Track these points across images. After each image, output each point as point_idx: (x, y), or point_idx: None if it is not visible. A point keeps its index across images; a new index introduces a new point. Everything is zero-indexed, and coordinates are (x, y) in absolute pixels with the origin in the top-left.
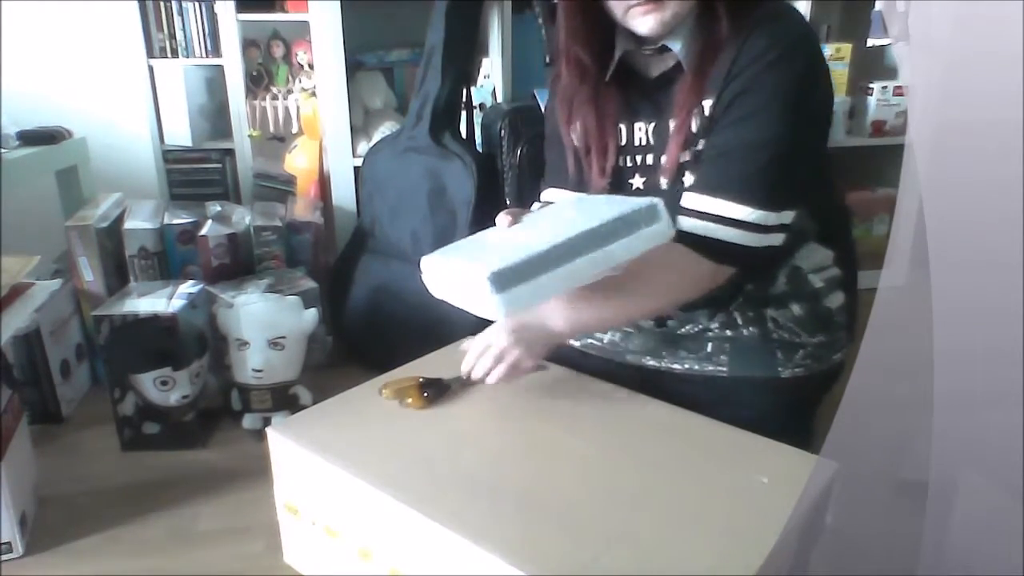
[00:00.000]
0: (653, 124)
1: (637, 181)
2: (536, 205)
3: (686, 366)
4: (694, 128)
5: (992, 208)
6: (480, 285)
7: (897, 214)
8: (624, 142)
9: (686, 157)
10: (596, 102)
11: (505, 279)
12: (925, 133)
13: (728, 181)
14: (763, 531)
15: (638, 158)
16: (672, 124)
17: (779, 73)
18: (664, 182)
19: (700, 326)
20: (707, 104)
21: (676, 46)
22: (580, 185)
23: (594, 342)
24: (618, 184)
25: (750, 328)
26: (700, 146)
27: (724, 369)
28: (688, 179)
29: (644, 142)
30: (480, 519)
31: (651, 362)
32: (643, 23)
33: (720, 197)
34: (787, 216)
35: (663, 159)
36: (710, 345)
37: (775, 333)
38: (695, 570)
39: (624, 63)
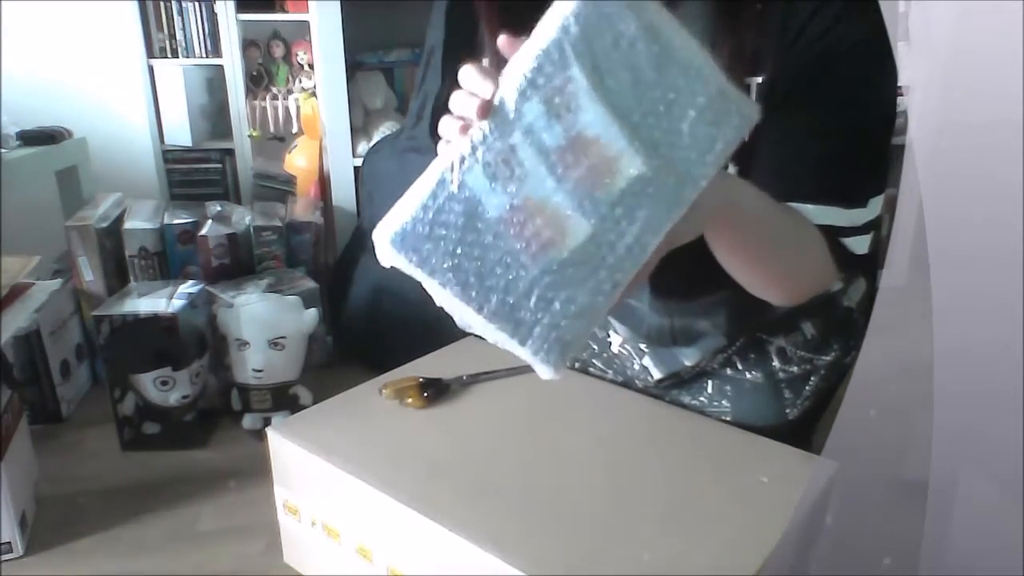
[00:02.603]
0: None
1: None
2: None
3: (691, 402)
4: None
5: (992, 208)
6: (532, 361)
7: (897, 214)
8: None
9: None
10: None
11: (566, 359)
12: (925, 133)
13: (845, 176)
14: (763, 531)
15: None
16: None
17: (862, 16)
18: None
19: (693, 362)
20: (753, 83)
21: (688, 22)
22: None
23: (603, 373)
24: None
25: (752, 372)
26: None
27: (728, 416)
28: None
29: None
30: (480, 519)
31: (658, 395)
32: None
33: (818, 202)
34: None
35: None
36: (710, 385)
37: (781, 372)
38: (695, 570)
39: None
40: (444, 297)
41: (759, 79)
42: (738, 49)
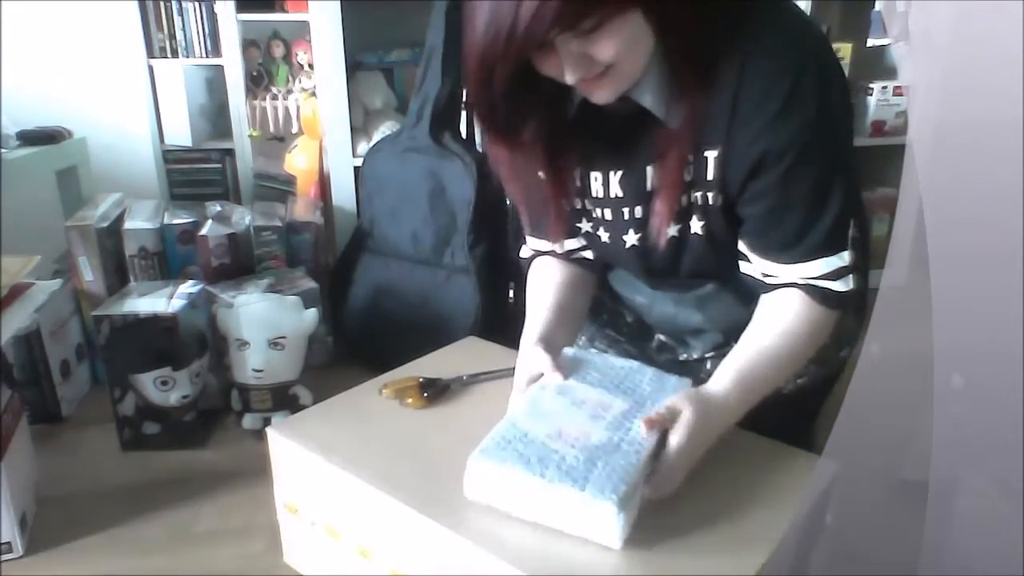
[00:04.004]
0: (621, 173)
1: (604, 235)
2: (524, 251)
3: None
4: (687, 177)
5: (992, 208)
6: (596, 509)
7: (897, 214)
8: (586, 194)
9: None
10: (546, 156)
11: (626, 500)
12: (925, 133)
13: (817, 239)
14: (764, 531)
15: (597, 211)
16: (651, 173)
17: (799, 114)
18: (662, 237)
19: (704, 355)
20: (711, 155)
21: (646, 99)
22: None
23: (616, 338)
24: (591, 233)
25: None
26: (698, 199)
27: None
28: (696, 227)
29: (602, 193)
30: (480, 519)
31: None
32: (596, 96)
33: (816, 257)
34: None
35: (638, 210)
36: (709, 364)
37: None
38: (695, 570)
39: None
40: (510, 483)
41: (716, 152)
42: (691, 123)
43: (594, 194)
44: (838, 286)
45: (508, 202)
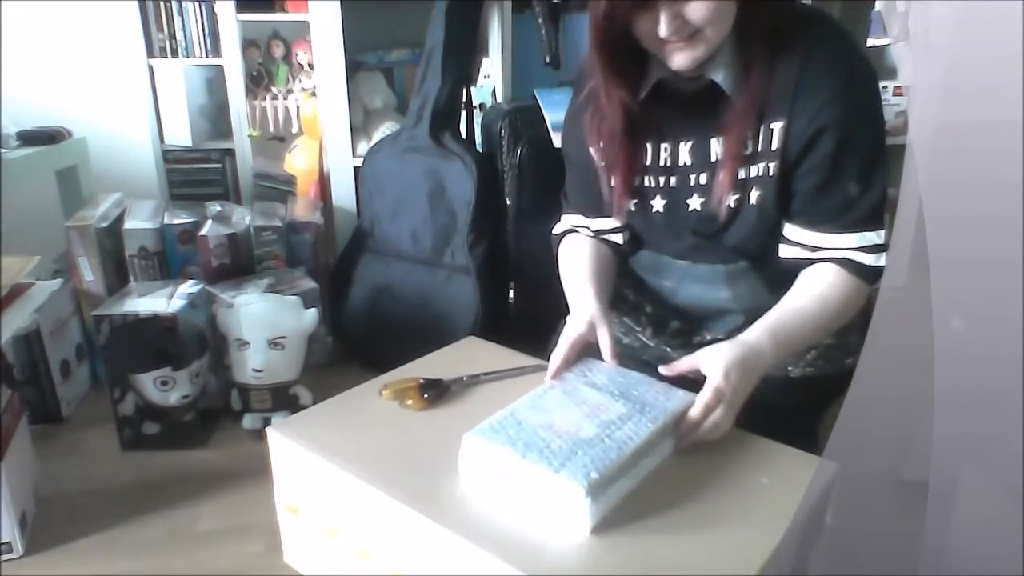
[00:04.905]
0: (691, 143)
1: (658, 203)
2: (558, 227)
3: None
4: (747, 150)
5: (992, 208)
6: (567, 491)
7: (897, 215)
8: (649, 162)
9: (740, 175)
10: (626, 123)
11: (597, 488)
12: (925, 133)
13: (861, 213)
14: (764, 532)
15: (662, 179)
16: (717, 144)
17: (855, 96)
18: (723, 204)
19: (717, 336)
20: (776, 127)
21: (718, 76)
22: (604, 207)
23: (633, 326)
24: (641, 206)
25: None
26: (759, 171)
27: None
28: (754, 198)
29: (670, 162)
30: (480, 519)
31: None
32: (677, 60)
33: (858, 230)
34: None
35: (703, 176)
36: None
37: None
38: (695, 570)
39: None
40: (496, 461)
41: (781, 123)
42: (754, 102)
43: (662, 163)
44: (873, 260)
45: (508, 202)
